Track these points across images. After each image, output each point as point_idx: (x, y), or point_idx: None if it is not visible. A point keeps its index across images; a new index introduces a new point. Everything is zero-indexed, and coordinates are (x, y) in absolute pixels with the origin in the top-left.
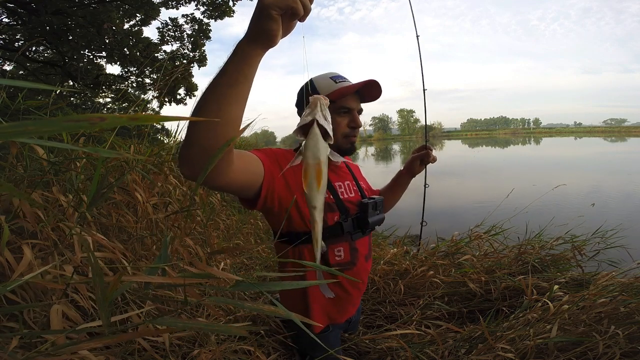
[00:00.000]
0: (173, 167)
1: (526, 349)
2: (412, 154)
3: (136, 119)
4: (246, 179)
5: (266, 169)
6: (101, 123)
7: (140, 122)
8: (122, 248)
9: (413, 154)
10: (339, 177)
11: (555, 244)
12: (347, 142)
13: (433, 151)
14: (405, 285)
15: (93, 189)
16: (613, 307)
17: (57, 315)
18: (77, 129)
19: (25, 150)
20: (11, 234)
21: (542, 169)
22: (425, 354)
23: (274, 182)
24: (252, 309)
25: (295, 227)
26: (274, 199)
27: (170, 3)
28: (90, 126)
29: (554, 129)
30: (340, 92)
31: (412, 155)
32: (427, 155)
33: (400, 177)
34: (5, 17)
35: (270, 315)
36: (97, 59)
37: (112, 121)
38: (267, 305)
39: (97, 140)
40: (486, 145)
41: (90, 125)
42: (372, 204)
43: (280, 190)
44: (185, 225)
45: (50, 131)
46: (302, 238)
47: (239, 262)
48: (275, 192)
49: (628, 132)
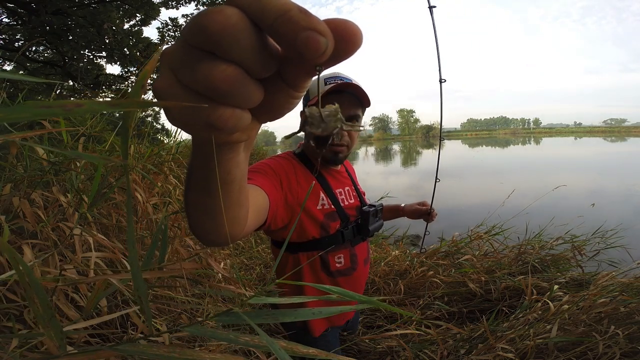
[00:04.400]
0: (173, 167)
1: (526, 349)
2: (420, 209)
3: (116, 105)
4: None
5: (271, 200)
6: (77, 109)
7: (121, 108)
8: (122, 248)
9: (421, 210)
10: (340, 183)
11: (555, 244)
12: (329, 151)
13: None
14: (405, 285)
15: (94, 189)
16: (613, 307)
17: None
18: (51, 115)
19: (25, 150)
20: (11, 233)
21: (542, 168)
22: (425, 354)
23: (277, 210)
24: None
25: (292, 237)
26: (277, 222)
27: (170, 3)
28: (65, 112)
29: (554, 129)
30: (316, 98)
31: (420, 209)
32: (430, 218)
33: (398, 211)
34: (5, 17)
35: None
36: (97, 59)
37: (90, 107)
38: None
39: (97, 140)
40: (486, 145)
41: (65, 111)
42: (372, 212)
43: (281, 213)
44: (185, 225)
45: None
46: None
47: (239, 262)
48: (278, 216)
49: (628, 132)
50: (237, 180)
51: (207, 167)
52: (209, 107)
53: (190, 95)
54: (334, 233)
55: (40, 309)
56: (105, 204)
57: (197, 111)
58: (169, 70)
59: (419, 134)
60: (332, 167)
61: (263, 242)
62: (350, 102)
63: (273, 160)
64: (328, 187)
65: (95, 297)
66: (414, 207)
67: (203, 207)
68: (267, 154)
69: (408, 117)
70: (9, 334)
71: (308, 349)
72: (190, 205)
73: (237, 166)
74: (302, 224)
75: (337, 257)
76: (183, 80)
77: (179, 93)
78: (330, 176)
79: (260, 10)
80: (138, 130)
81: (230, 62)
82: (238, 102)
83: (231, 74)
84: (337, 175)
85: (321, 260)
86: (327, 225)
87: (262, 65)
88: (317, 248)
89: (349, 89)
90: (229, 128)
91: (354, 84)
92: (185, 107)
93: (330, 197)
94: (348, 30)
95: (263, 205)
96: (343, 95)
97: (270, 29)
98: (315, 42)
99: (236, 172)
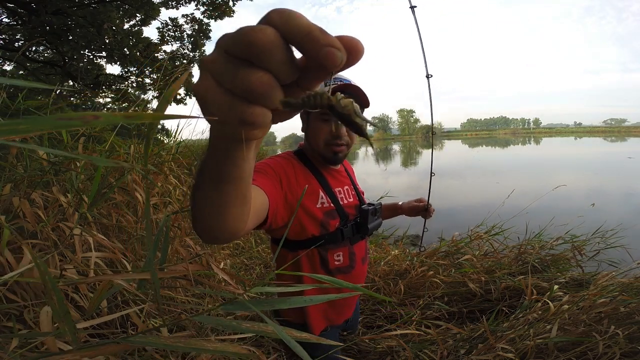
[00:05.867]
0: (173, 167)
1: (526, 349)
2: (418, 206)
3: (131, 117)
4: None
5: (271, 200)
6: (95, 121)
7: (135, 120)
8: (122, 248)
9: (418, 206)
10: (339, 182)
11: (555, 244)
12: (329, 150)
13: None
14: (405, 286)
15: (94, 189)
16: (613, 307)
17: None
18: (71, 127)
19: (25, 151)
20: (11, 234)
21: (542, 168)
22: (425, 354)
23: (278, 209)
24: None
25: (292, 235)
26: (278, 221)
27: (170, 3)
28: (84, 124)
29: (554, 129)
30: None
31: (417, 205)
32: (427, 214)
33: (396, 210)
34: (5, 17)
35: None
36: (97, 59)
37: (107, 119)
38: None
39: (97, 140)
40: (486, 145)
41: (84, 123)
42: (372, 211)
43: (281, 212)
44: (185, 225)
45: (42, 130)
46: (297, 245)
47: (239, 262)
48: (279, 215)
49: (628, 132)
50: (246, 177)
51: (221, 163)
52: (244, 106)
53: (227, 96)
54: (334, 231)
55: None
56: (105, 204)
57: (233, 109)
58: (209, 74)
59: (419, 134)
60: (331, 167)
61: (263, 242)
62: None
63: (273, 160)
64: (327, 186)
65: (99, 297)
66: (411, 204)
67: (211, 202)
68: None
69: (408, 117)
70: (9, 333)
71: (301, 334)
72: (199, 201)
73: (247, 162)
74: (301, 222)
75: (336, 255)
76: (223, 84)
77: (218, 93)
78: (330, 175)
79: (290, 30)
80: (138, 131)
81: (265, 70)
82: (267, 103)
83: (265, 80)
84: (336, 174)
85: (320, 258)
86: (326, 223)
87: (289, 74)
88: (317, 246)
89: (349, 90)
90: (258, 124)
91: (354, 85)
92: (223, 105)
93: (330, 195)
94: (354, 45)
95: (263, 205)
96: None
97: (298, 45)
98: (333, 55)
99: (246, 168)
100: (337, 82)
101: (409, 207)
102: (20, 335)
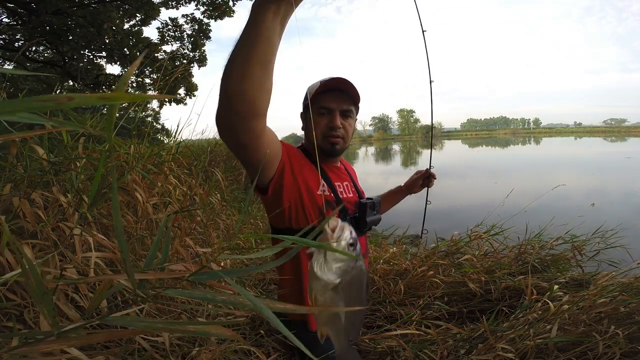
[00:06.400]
0: (173, 167)
1: (526, 349)
2: (416, 175)
3: (106, 97)
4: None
5: (283, 154)
6: (69, 102)
7: (110, 101)
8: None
9: (417, 175)
10: (338, 178)
11: (555, 244)
12: (327, 142)
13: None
14: (405, 285)
15: (94, 189)
16: (613, 307)
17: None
18: (44, 109)
19: (25, 150)
20: (11, 234)
21: (542, 168)
22: (425, 354)
23: (284, 171)
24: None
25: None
26: (283, 186)
27: (170, 3)
28: (57, 106)
29: (554, 129)
30: (315, 91)
31: (415, 175)
32: (430, 180)
33: (398, 193)
34: (5, 17)
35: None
36: (97, 59)
37: (81, 100)
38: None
39: (97, 140)
40: (486, 145)
41: (58, 104)
42: (370, 204)
43: (288, 181)
44: (185, 225)
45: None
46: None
47: (239, 262)
48: (285, 179)
49: (628, 132)
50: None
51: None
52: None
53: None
54: None
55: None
56: (105, 204)
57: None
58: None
59: (419, 134)
60: (331, 163)
61: (263, 242)
62: (344, 99)
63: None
64: (328, 179)
65: (99, 297)
66: (412, 179)
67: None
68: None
69: (408, 117)
70: (9, 333)
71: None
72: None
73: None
74: (303, 203)
75: None
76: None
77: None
78: (330, 171)
79: None
80: (138, 130)
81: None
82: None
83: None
84: (337, 170)
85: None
86: (325, 213)
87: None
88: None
89: (342, 86)
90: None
91: (346, 80)
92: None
93: (330, 187)
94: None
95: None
96: (336, 92)
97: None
98: None
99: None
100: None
101: (411, 182)
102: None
